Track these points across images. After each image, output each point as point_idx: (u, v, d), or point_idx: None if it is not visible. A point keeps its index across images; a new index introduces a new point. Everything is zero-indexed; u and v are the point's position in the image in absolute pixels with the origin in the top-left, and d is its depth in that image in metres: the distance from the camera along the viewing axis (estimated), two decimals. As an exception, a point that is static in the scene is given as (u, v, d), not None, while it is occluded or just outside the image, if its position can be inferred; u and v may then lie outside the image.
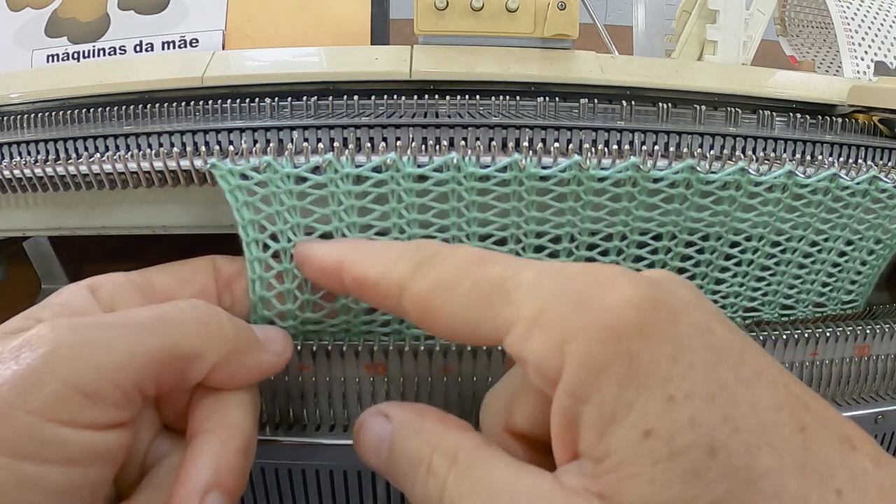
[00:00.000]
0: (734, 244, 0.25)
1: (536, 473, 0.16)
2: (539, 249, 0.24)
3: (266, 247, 0.22)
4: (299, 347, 0.24)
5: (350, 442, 0.24)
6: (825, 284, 0.28)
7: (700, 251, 0.25)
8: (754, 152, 0.29)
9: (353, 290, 0.20)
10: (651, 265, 0.25)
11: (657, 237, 0.24)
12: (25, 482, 0.16)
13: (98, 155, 0.25)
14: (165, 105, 0.30)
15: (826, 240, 0.26)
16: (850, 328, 0.28)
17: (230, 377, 0.20)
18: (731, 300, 0.27)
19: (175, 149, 0.25)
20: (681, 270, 0.25)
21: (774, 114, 0.33)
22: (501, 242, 0.24)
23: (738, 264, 0.26)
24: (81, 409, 0.16)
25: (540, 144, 0.27)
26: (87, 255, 0.42)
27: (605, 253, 0.24)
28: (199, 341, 0.19)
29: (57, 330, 0.17)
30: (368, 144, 0.27)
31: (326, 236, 0.23)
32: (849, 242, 0.27)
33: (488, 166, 0.22)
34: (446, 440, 0.18)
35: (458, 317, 0.18)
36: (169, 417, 0.21)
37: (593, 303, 0.16)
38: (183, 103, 0.30)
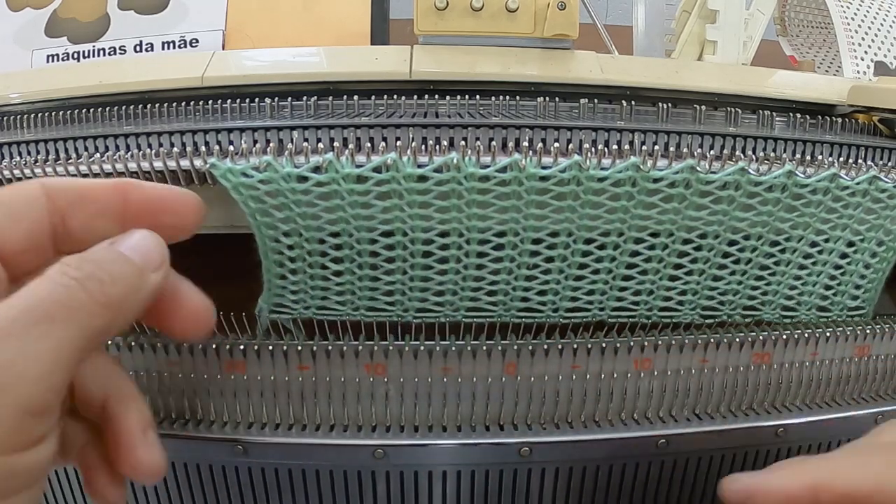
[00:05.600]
0: (732, 243, 0.25)
1: None
2: (537, 242, 0.24)
3: (277, 238, 0.23)
4: (299, 348, 0.24)
5: (350, 442, 0.24)
6: (828, 287, 0.27)
7: (698, 248, 0.25)
8: (754, 152, 0.29)
9: None
10: (647, 260, 0.25)
11: (654, 235, 0.25)
12: None
13: (98, 155, 0.25)
14: (165, 105, 0.30)
15: (826, 240, 0.26)
16: (851, 328, 0.28)
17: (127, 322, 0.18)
18: (729, 297, 0.27)
19: (175, 149, 0.25)
20: (678, 267, 0.25)
21: (774, 114, 0.33)
22: (500, 246, 0.24)
23: (737, 262, 0.26)
24: (33, 429, 0.16)
25: (540, 144, 0.27)
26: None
27: (602, 247, 0.24)
28: (108, 317, 0.17)
29: None
30: (368, 144, 0.27)
31: (333, 235, 0.23)
32: (850, 244, 0.27)
33: (488, 166, 0.22)
34: None
35: None
36: None
37: None
38: (183, 103, 0.30)
